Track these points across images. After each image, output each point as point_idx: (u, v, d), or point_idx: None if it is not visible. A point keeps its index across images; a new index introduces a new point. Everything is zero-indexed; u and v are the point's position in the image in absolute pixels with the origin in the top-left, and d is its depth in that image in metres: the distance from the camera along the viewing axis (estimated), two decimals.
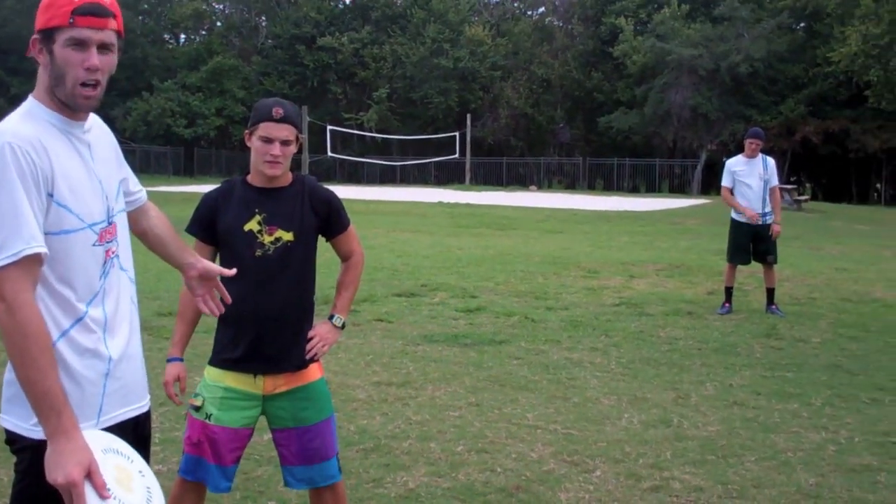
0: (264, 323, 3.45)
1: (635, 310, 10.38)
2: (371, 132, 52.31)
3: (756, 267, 10.81)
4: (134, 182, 2.80)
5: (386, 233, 19.94)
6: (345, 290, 3.75)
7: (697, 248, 17.61)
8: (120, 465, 2.35)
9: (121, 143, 2.69)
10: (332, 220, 3.63)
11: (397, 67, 54.14)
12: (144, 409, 2.68)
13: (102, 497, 2.20)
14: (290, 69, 56.55)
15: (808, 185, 54.19)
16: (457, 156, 47.74)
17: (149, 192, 2.97)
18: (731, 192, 10.41)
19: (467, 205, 31.36)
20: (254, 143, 3.45)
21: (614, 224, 24.55)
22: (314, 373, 3.61)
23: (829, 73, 43.72)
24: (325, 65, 55.56)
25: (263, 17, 61.97)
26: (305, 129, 41.50)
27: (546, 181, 52.88)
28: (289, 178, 3.55)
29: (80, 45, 2.32)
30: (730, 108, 46.33)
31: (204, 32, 63.40)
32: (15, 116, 2.37)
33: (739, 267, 10.61)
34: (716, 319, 9.89)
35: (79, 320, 2.39)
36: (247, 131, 3.50)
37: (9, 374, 2.35)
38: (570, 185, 51.76)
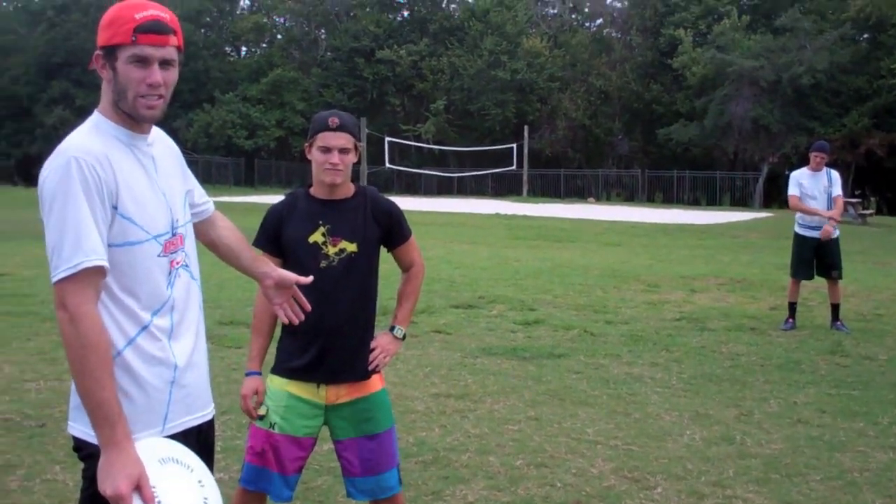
0: (328, 333, 3.46)
1: (697, 325, 10.26)
2: (429, 143, 52.47)
3: (820, 282, 10.64)
4: (200, 194, 2.83)
5: (443, 244, 19.94)
6: (405, 301, 3.76)
7: (760, 263, 17.37)
8: (177, 476, 2.36)
9: (183, 154, 2.73)
10: (394, 230, 3.64)
11: (455, 79, 54.25)
12: (208, 418, 2.70)
13: None
14: (349, 81, 56.95)
15: (872, 198, 53.20)
16: (514, 167, 47.69)
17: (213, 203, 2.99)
18: (798, 200, 10.18)
19: (525, 216, 31.28)
20: (314, 155, 3.47)
21: (674, 237, 24.32)
22: (376, 384, 3.62)
23: (893, 85, 42.95)
24: (384, 77, 55.87)
25: (323, 30, 62.50)
26: (364, 140, 41.74)
27: (604, 193, 52.59)
28: (351, 189, 3.57)
29: (143, 61, 2.37)
30: (792, 121, 45.69)
31: (265, 45, 64.11)
32: (82, 131, 2.40)
33: (803, 282, 10.44)
34: (779, 335, 9.74)
35: (144, 328, 2.42)
36: (306, 144, 3.53)
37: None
38: (629, 198, 51.42)
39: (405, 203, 33.77)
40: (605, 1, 60.67)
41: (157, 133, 2.59)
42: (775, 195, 44.12)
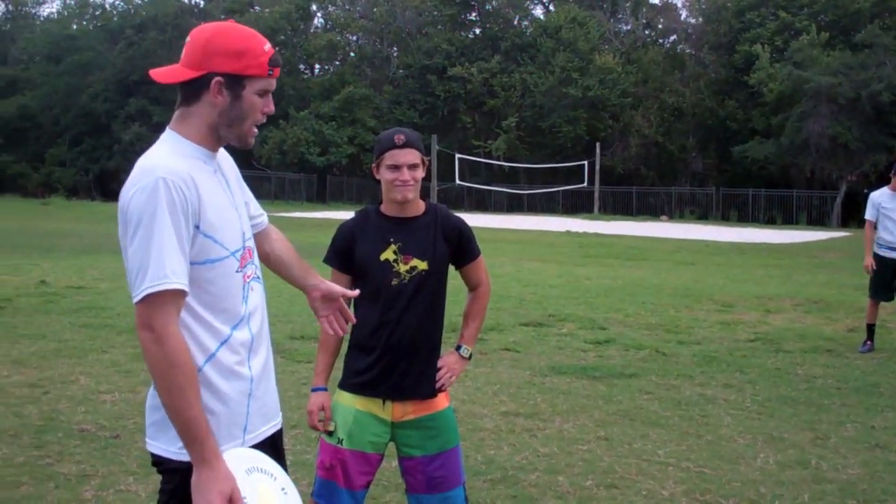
0: (396, 350, 3.47)
1: (771, 346, 10.07)
2: (499, 160, 52.43)
3: None
4: (255, 206, 2.87)
5: (513, 261, 19.90)
6: (472, 320, 3.75)
7: (837, 283, 17.02)
8: (263, 485, 2.41)
9: (257, 170, 2.78)
10: (464, 248, 3.64)
11: (526, 96, 54.23)
12: (279, 427, 2.75)
13: None
14: (420, 98, 57.25)
15: None
16: (585, 184, 47.43)
17: (284, 219, 3.05)
18: (875, 226, 10.05)
19: (596, 234, 31.11)
20: (382, 174, 3.49)
21: (749, 256, 23.97)
22: (442, 402, 3.62)
23: None
24: (455, 94, 56.06)
25: (395, 48, 62.99)
26: (434, 157, 41.93)
27: (677, 211, 52.04)
28: (421, 207, 3.58)
29: (267, 93, 2.50)
30: (871, 139, 44.74)
31: (337, 63, 64.80)
32: (163, 152, 2.41)
33: (882, 304, 10.20)
34: (857, 358, 9.52)
35: (224, 343, 2.46)
36: (373, 164, 3.55)
37: (152, 399, 2.43)
38: (703, 216, 50.80)
39: (475, 220, 33.88)
40: (678, 17, 60.23)
41: (220, 150, 2.64)
42: (854, 214, 43.18)
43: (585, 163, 46.84)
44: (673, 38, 60.82)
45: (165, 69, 2.47)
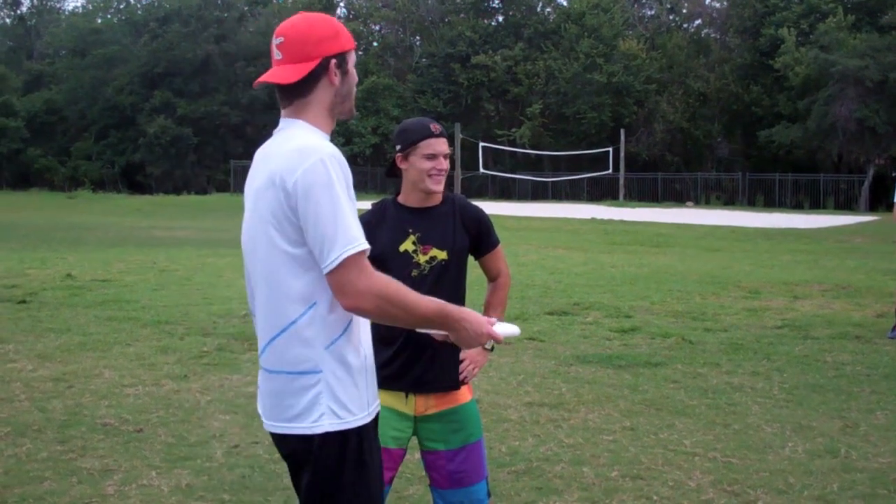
0: (418, 343, 3.42)
1: (799, 333, 9.95)
2: (523, 148, 52.29)
3: None
4: None
5: (537, 249, 19.84)
6: (492, 311, 3.71)
7: (866, 268, 16.85)
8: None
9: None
10: (483, 238, 3.61)
11: (550, 83, 54.00)
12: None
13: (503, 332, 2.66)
14: (444, 87, 57.11)
15: None
16: (610, 171, 47.20)
17: None
18: None
19: (621, 221, 30.94)
20: (414, 163, 3.45)
21: (776, 242, 23.78)
22: (464, 395, 3.58)
23: None
24: (479, 82, 55.90)
25: (418, 37, 62.91)
26: (458, 146, 41.86)
27: (703, 197, 51.73)
28: (439, 196, 3.54)
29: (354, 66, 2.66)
30: None
31: (360, 52, 64.74)
32: (311, 136, 2.51)
33: None
34: (886, 344, 9.39)
35: (352, 320, 2.54)
36: (398, 154, 3.50)
37: (288, 381, 2.50)
38: (729, 201, 50.46)
39: (499, 208, 33.89)
40: (703, 1, 59.75)
41: None
42: (881, 198, 42.75)
43: (610, 149, 46.63)
44: (697, 22, 60.38)
45: (278, 71, 2.55)
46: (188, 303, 11.39)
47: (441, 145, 3.45)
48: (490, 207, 37.58)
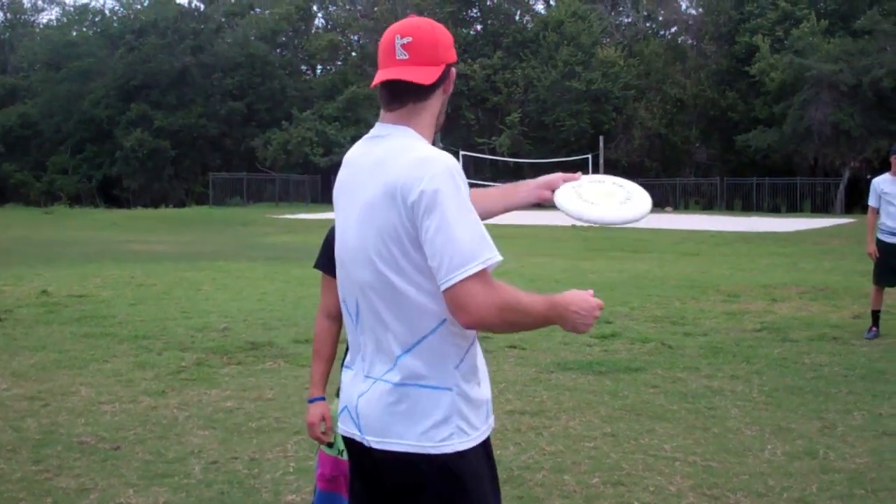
0: None
1: (778, 335, 10.00)
2: (503, 156, 52.38)
3: None
4: None
5: (518, 257, 19.84)
6: None
7: (842, 270, 16.95)
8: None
9: (261, 172, 2.74)
10: None
11: (529, 91, 54.16)
12: None
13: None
14: None
15: None
16: None
17: (288, 220, 3.02)
18: (878, 212, 10.03)
19: (601, 227, 30.98)
20: None
21: (754, 245, 23.88)
22: None
23: None
24: (458, 91, 55.88)
25: None
26: None
27: (682, 202, 51.92)
28: None
29: None
30: (873, 124, 44.59)
31: (339, 63, 64.79)
32: (427, 146, 2.46)
33: (888, 290, 10.14)
34: (863, 345, 9.45)
35: (476, 332, 2.53)
36: None
37: (398, 394, 2.42)
38: (708, 206, 50.69)
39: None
40: (679, 8, 60.08)
41: None
42: (857, 200, 43.03)
43: (590, 156, 46.80)
44: (674, 29, 60.72)
45: (411, 71, 2.47)
46: (166, 317, 11.32)
47: None
48: None
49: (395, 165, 2.38)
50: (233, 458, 5.69)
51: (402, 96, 2.48)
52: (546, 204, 3.05)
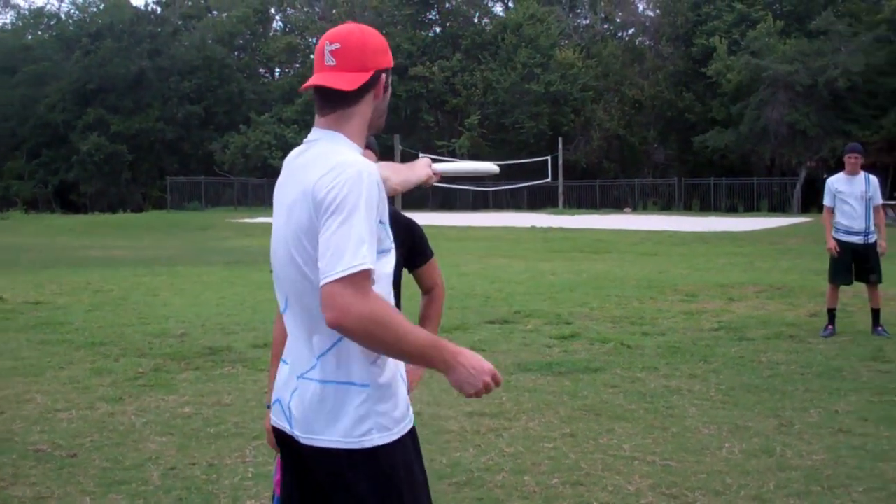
0: None
1: (735, 334, 10.10)
2: (463, 158, 52.41)
3: (860, 287, 10.48)
4: None
5: (478, 259, 19.89)
6: (427, 324, 3.68)
7: (799, 269, 17.14)
8: None
9: (219, 176, 2.76)
10: (416, 249, 3.57)
11: (488, 94, 54.25)
12: None
13: None
14: None
15: None
16: (549, 179, 47.51)
17: (247, 224, 3.02)
18: (833, 210, 10.18)
19: (560, 229, 31.14)
20: None
21: (712, 245, 24.09)
22: None
23: None
24: (418, 94, 55.99)
25: None
26: (398, 157, 41.78)
27: (641, 203, 52.26)
28: None
29: None
30: (829, 124, 45.14)
31: (298, 65, 64.52)
32: (346, 151, 2.50)
33: (844, 288, 10.27)
34: (819, 342, 9.57)
35: None
36: None
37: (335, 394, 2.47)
38: (666, 206, 51.04)
39: (441, 219, 33.87)
40: (636, 10, 60.50)
41: None
42: (814, 199, 43.48)
43: (549, 158, 46.94)
44: (631, 31, 61.10)
45: (336, 77, 2.53)
46: (123, 323, 11.22)
47: (368, 157, 3.41)
48: (431, 218, 37.70)
49: (314, 169, 2.47)
50: (191, 463, 5.65)
51: (331, 102, 2.56)
52: (428, 182, 3.33)
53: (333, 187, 2.38)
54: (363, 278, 2.32)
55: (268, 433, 3.40)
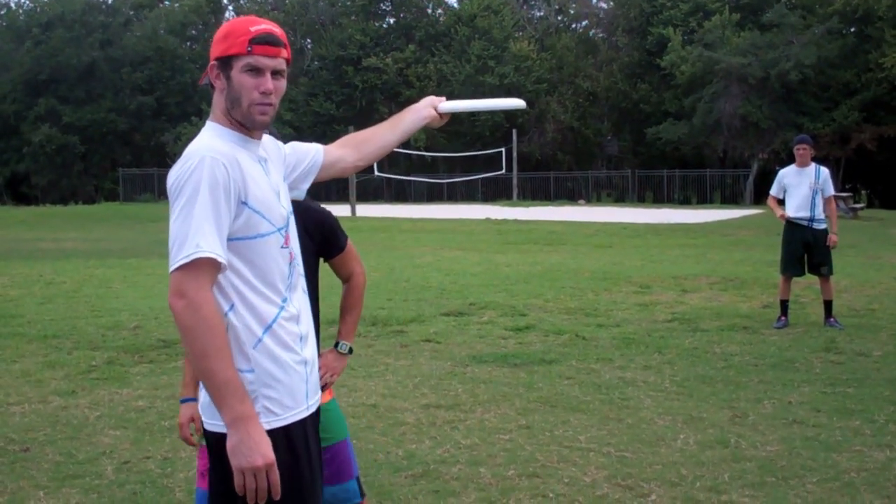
0: None
1: (689, 325, 10.19)
2: (418, 150, 52.35)
3: (813, 279, 10.61)
4: (303, 149, 3.06)
5: (433, 251, 19.88)
6: (348, 314, 3.65)
7: (752, 260, 17.32)
8: None
9: (169, 167, 2.75)
10: (330, 241, 3.52)
11: (443, 86, 54.15)
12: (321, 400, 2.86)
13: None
14: (337, 90, 56.78)
15: (863, 192, 53.19)
16: (504, 171, 47.57)
17: None
18: (780, 202, 10.34)
19: (515, 221, 31.18)
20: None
21: (665, 237, 24.27)
22: (324, 396, 3.52)
23: (882, 79, 42.99)
24: (373, 85, 55.80)
25: (308, 40, 62.42)
26: None
27: (594, 195, 52.54)
28: None
29: (256, 71, 2.54)
30: (781, 117, 45.65)
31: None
32: (204, 136, 2.57)
33: (796, 279, 10.40)
34: (772, 334, 9.68)
35: (278, 315, 2.57)
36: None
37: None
38: (619, 199, 51.36)
39: (395, 211, 33.80)
40: (590, 2, 60.69)
41: (266, 139, 2.79)
42: (766, 191, 43.84)
43: (503, 150, 46.98)
44: (585, 23, 61.29)
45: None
46: (76, 316, 11.07)
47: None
48: (386, 210, 37.58)
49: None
50: (145, 457, 5.60)
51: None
52: (433, 124, 3.27)
53: (177, 176, 2.44)
54: (201, 266, 2.36)
55: (180, 427, 3.50)
